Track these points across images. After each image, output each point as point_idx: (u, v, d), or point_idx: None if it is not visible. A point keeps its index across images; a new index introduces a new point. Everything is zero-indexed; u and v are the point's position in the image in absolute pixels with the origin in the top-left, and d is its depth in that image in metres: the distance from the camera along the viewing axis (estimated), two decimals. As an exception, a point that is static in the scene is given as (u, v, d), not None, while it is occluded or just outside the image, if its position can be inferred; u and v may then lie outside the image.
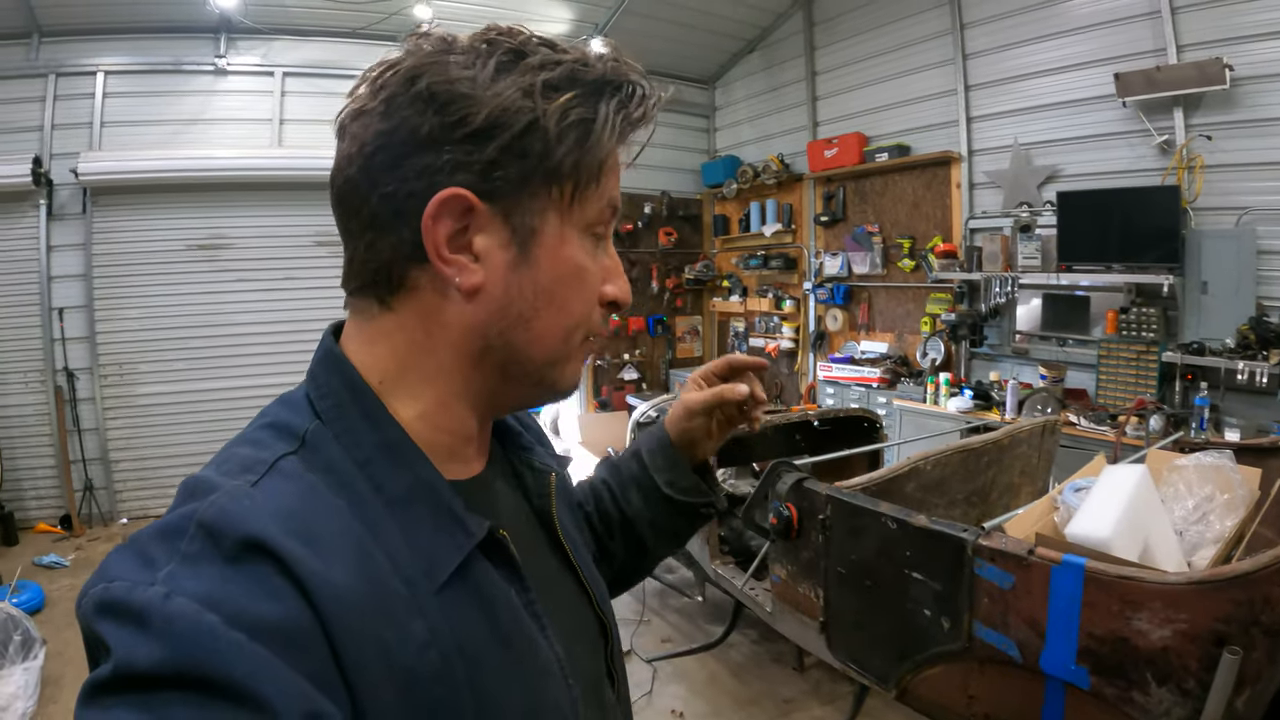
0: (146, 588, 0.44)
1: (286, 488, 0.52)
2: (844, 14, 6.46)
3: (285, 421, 0.59)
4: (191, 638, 0.42)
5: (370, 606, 0.50)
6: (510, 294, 0.59)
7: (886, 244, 6.18)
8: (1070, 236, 4.58)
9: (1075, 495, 1.93)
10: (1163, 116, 4.33)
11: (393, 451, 0.58)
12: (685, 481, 0.92)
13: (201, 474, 0.54)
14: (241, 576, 0.45)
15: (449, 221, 0.56)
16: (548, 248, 0.60)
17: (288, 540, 0.47)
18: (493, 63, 0.57)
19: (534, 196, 0.58)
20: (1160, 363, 4.16)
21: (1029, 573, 1.62)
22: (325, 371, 0.61)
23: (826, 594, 2.16)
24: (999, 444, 2.49)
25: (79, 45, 5.72)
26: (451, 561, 0.56)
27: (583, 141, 0.58)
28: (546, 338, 0.61)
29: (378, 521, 0.54)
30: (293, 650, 0.44)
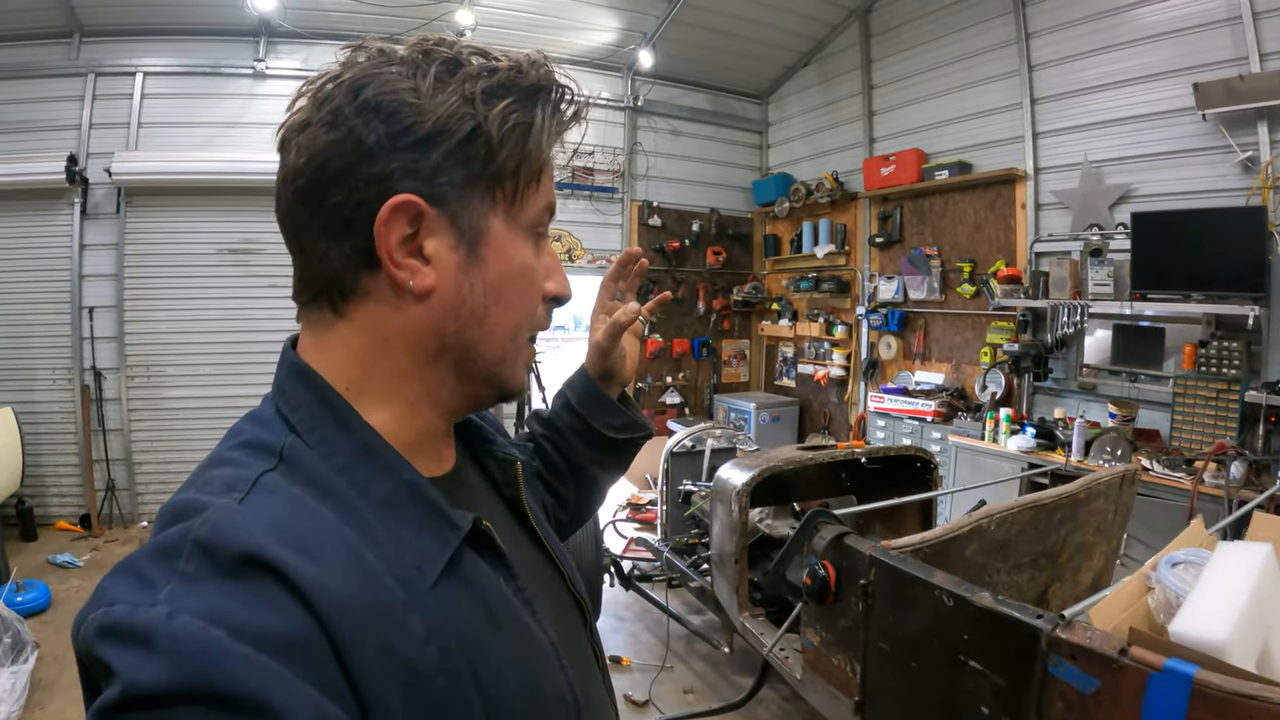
0: (149, 608, 0.44)
1: (273, 501, 0.53)
2: (902, 25, 6.24)
3: (260, 439, 0.59)
4: (199, 654, 0.42)
5: (369, 608, 0.50)
6: (462, 293, 0.62)
7: (945, 268, 5.90)
8: (1145, 262, 4.24)
9: (1173, 573, 1.60)
10: (1246, 131, 4.04)
11: (371, 456, 0.60)
12: (619, 419, 1.02)
13: (183, 496, 0.54)
14: (242, 591, 0.46)
15: (400, 227, 0.59)
16: (494, 248, 0.63)
17: (283, 551, 0.48)
18: (432, 72, 0.59)
19: (480, 199, 0.61)
20: (1242, 403, 3.82)
21: (1119, 677, 1.30)
22: (292, 384, 0.62)
23: (864, 669, 1.86)
24: (1074, 498, 2.15)
25: (119, 45, 5.77)
26: (442, 557, 0.58)
27: (523, 144, 0.61)
28: (497, 334, 0.64)
29: (366, 525, 0.55)
30: (299, 659, 0.45)
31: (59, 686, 3.46)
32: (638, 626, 4.19)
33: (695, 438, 4.35)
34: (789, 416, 7.40)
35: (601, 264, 7.24)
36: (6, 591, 4.14)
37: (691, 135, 7.72)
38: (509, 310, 0.64)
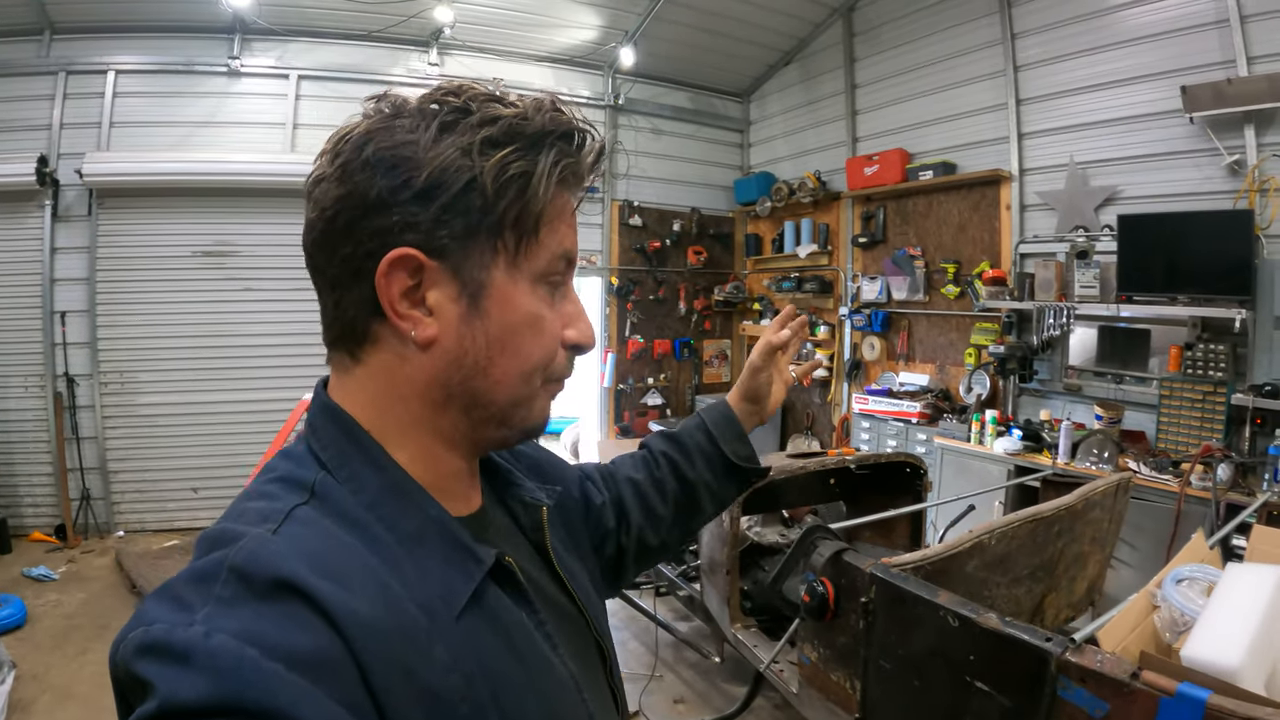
0: (187, 628, 0.46)
1: (305, 533, 0.55)
2: (886, 24, 6.20)
3: (293, 475, 0.61)
4: (234, 671, 0.44)
5: (394, 634, 0.52)
6: (464, 344, 0.62)
7: (929, 268, 5.87)
8: (1131, 264, 4.25)
9: (1179, 590, 1.58)
10: (1233, 134, 4.04)
11: (398, 493, 0.62)
12: (747, 450, 1.09)
13: (220, 526, 0.56)
14: (274, 613, 0.48)
15: (401, 279, 0.60)
16: (497, 299, 0.63)
17: (314, 578, 0.50)
18: (436, 124, 0.60)
19: (480, 250, 0.62)
20: (1229, 405, 3.84)
21: (1130, 701, 1.28)
22: (323, 423, 0.65)
23: (865, 687, 1.83)
24: (1072, 510, 2.14)
25: (90, 43, 5.61)
26: (466, 589, 0.60)
27: (521, 194, 0.61)
28: (505, 383, 0.65)
29: (393, 558, 0.57)
30: (327, 678, 0.47)
31: (38, 708, 3.36)
32: (625, 634, 4.15)
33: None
34: (771, 418, 7.34)
35: (582, 264, 7.18)
36: None
37: (672, 134, 7.65)
38: (515, 359, 0.64)
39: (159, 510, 5.83)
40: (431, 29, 6.16)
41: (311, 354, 5.94)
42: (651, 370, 7.67)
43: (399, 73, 6.38)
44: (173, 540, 5.49)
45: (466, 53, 6.53)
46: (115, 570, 5.00)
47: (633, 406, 7.55)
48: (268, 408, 5.89)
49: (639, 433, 7.30)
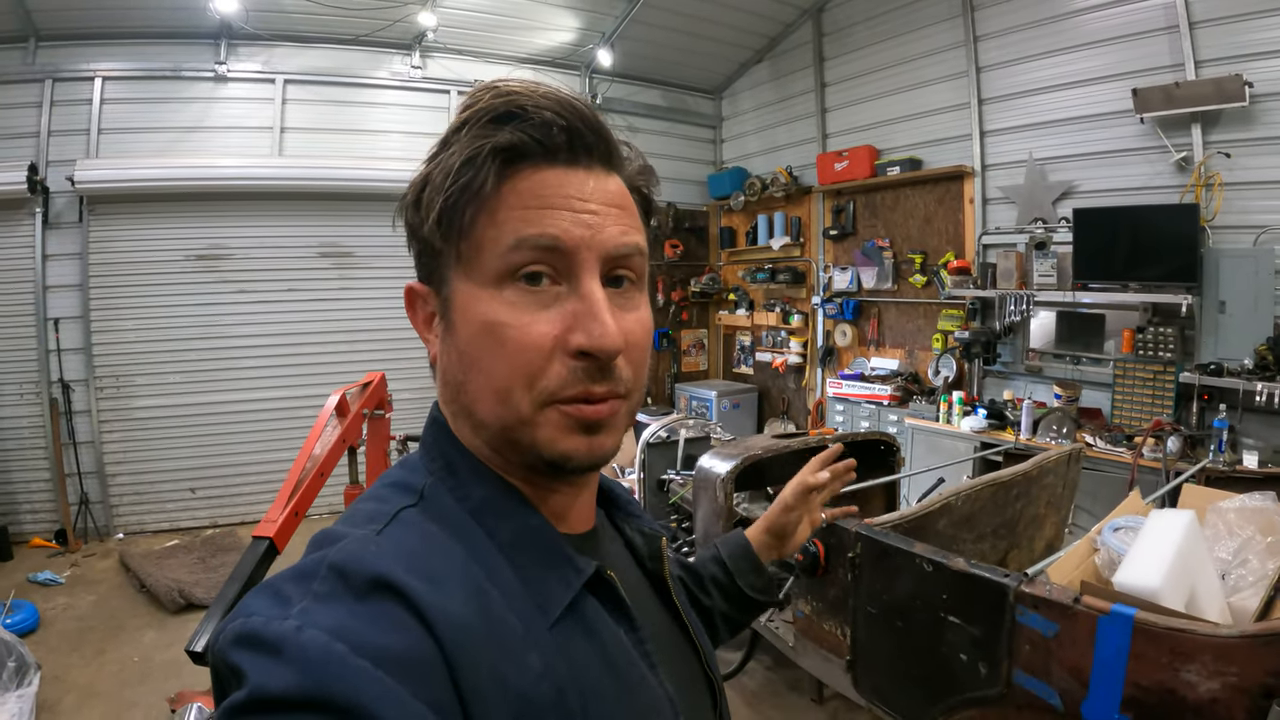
0: (281, 621, 0.47)
1: (408, 534, 0.56)
2: (854, 25, 6.41)
3: (405, 480, 0.64)
4: (321, 665, 0.44)
5: (487, 638, 0.52)
6: (447, 362, 0.63)
7: (897, 259, 6.12)
8: (1086, 254, 4.52)
9: (1115, 536, 1.85)
10: (1181, 133, 4.28)
11: (500, 501, 0.62)
12: (761, 582, 1.10)
13: (332, 527, 0.58)
14: (369, 611, 0.48)
15: (414, 306, 0.66)
16: (459, 310, 0.61)
17: (410, 578, 0.50)
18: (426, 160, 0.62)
19: (444, 265, 0.61)
20: (1177, 383, 4.11)
21: (1074, 621, 1.54)
22: (432, 436, 0.67)
23: (854, 633, 2.08)
24: (1028, 475, 2.41)
25: (77, 50, 5.64)
26: (563, 598, 0.59)
27: (443, 194, 0.58)
28: (482, 400, 0.61)
29: (492, 564, 0.58)
30: (414, 678, 0.47)
31: (63, 707, 3.46)
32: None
33: (669, 429, 4.53)
34: (748, 403, 7.61)
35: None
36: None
37: (647, 131, 7.78)
38: (481, 375, 0.60)
39: (158, 511, 5.91)
40: (415, 32, 6.29)
41: (304, 353, 6.10)
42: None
43: (383, 76, 6.51)
44: (173, 540, 5.56)
45: (448, 55, 6.66)
46: (121, 571, 5.07)
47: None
48: (263, 407, 6.02)
49: (625, 422, 7.46)
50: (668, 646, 0.71)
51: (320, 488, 2.55)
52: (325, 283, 6.26)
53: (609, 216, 0.61)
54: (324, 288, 6.25)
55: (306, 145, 6.20)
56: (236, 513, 6.06)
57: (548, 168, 0.59)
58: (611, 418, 0.61)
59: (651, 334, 0.68)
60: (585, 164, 0.61)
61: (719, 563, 1.10)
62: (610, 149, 0.63)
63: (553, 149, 0.59)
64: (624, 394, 0.62)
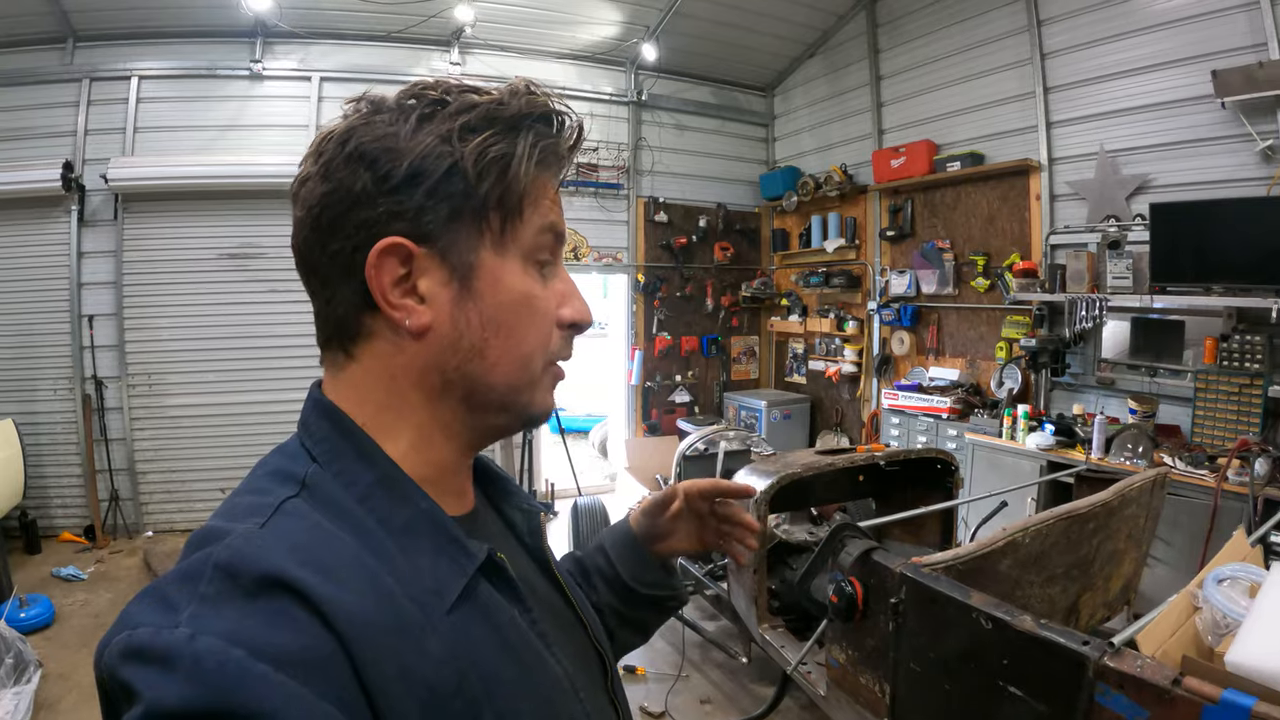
0: (171, 630, 0.45)
1: (294, 526, 0.55)
2: (910, 14, 6.12)
3: (284, 468, 0.61)
4: (219, 673, 0.43)
5: (387, 628, 0.51)
6: (459, 328, 0.63)
7: (958, 261, 5.80)
8: (1164, 254, 4.16)
9: (1220, 591, 1.52)
10: (1266, 119, 3.93)
11: (390, 486, 0.61)
12: (650, 576, 0.99)
13: (209, 524, 0.56)
14: (262, 611, 0.47)
15: (391, 268, 0.61)
16: (488, 280, 0.63)
17: (303, 572, 0.49)
18: (415, 116, 0.61)
19: (467, 234, 0.62)
20: (1265, 398, 3.75)
21: (1170, 709, 1.23)
22: (316, 419, 0.65)
23: (894, 690, 1.78)
24: (1108, 506, 2.07)
25: (114, 50, 5.70)
26: (458, 583, 0.59)
27: (503, 176, 0.62)
28: (503, 365, 0.64)
29: (384, 551, 0.57)
30: (318, 677, 0.46)
31: (63, 706, 3.41)
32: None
33: (708, 440, 4.26)
34: (800, 414, 7.31)
35: (608, 261, 7.15)
36: (9, 608, 4.08)
37: (696, 129, 7.59)
38: (510, 340, 0.64)
39: (187, 510, 5.89)
40: (453, 28, 6.17)
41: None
42: (679, 367, 7.62)
43: (421, 72, 6.37)
44: (201, 540, 5.55)
45: (488, 51, 6.53)
46: (144, 570, 5.06)
47: (660, 404, 7.52)
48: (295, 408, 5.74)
49: (667, 430, 7.26)
50: (557, 623, 0.73)
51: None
52: (358, 282, 6.16)
53: None
54: (357, 287, 6.15)
55: (338, 144, 6.11)
56: (264, 514, 5.99)
57: (556, 170, 0.67)
58: None
59: None
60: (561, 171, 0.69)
61: (602, 552, 1.01)
62: None
63: (566, 158, 0.68)
64: None
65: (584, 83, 6.97)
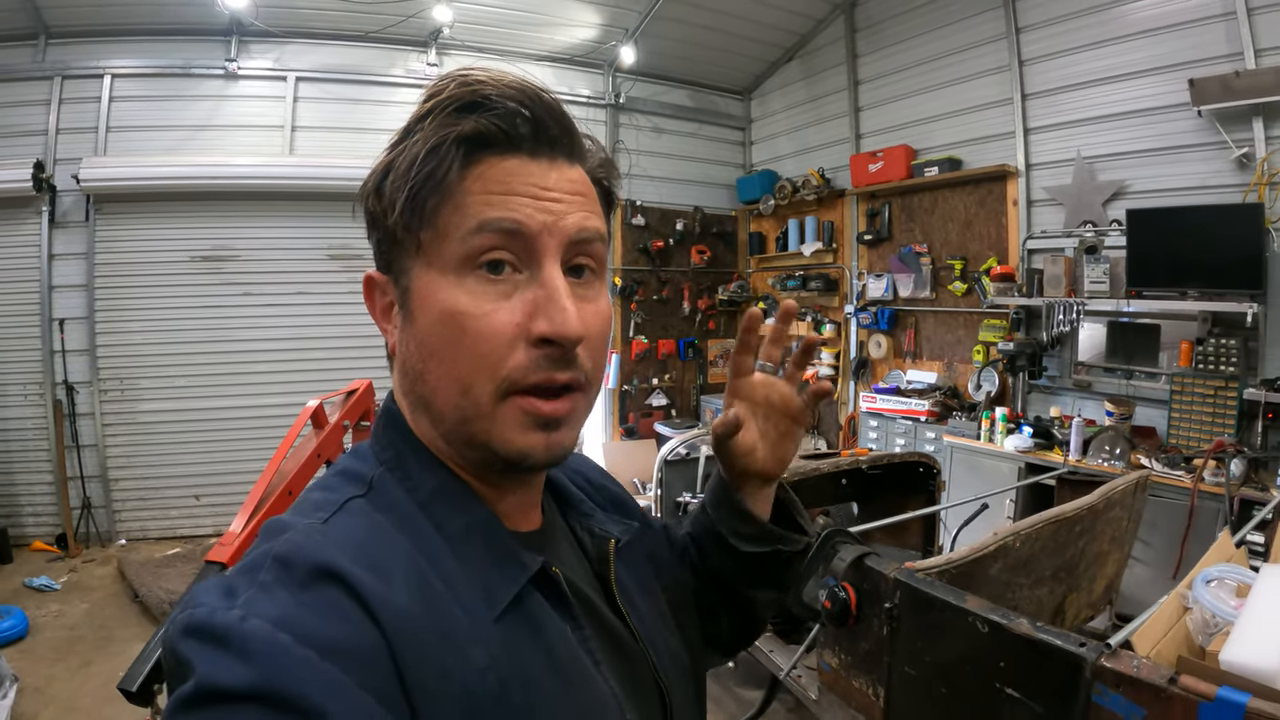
0: (226, 611, 0.47)
1: (354, 523, 0.57)
2: (888, 19, 6.18)
3: (354, 469, 0.63)
4: (265, 656, 0.45)
5: (432, 629, 0.52)
6: (406, 351, 0.62)
7: (936, 265, 5.85)
8: (1140, 259, 4.23)
9: (1209, 591, 1.55)
10: (1241, 127, 4.02)
11: (450, 493, 0.62)
12: (748, 528, 0.83)
13: (280, 517, 0.59)
14: (312, 600, 0.49)
15: (373, 295, 0.66)
16: (419, 299, 0.60)
17: (354, 568, 0.51)
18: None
19: (403, 253, 0.61)
20: (1240, 400, 3.81)
21: (1167, 707, 1.25)
22: (383, 425, 0.67)
23: (889, 694, 1.79)
24: (1094, 509, 2.11)
25: (86, 47, 5.58)
26: (508, 592, 0.59)
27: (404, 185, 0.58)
28: (440, 391, 0.61)
29: (438, 555, 0.58)
30: (359, 667, 0.47)
31: (41, 721, 3.35)
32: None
33: (689, 445, 4.26)
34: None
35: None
36: None
37: (674, 132, 7.59)
38: (443, 365, 0.59)
39: (161, 518, 5.80)
40: (430, 29, 6.13)
41: (313, 358, 5.95)
42: (656, 371, 7.62)
43: (397, 73, 6.35)
44: (175, 548, 5.44)
45: (465, 52, 6.48)
46: (118, 579, 4.98)
47: (637, 408, 7.51)
48: (270, 413, 5.86)
49: (644, 434, 7.26)
50: (614, 648, 0.69)
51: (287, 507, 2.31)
52: (335, 286, 6.07)
53: (572, 204, 0.61)
54: (334, 291, 6.06)
55: (318, 144, 6.06)
56: (241, 521, 5.89)
57: (512, 157, 0.59)
58: (570, 414, 0.62)
59: (610, 326, 0.66)
60: (548, 155, 0.61)
61: (703, 509, 0.87)
62: (574, 140, 0.64)
63: (517, 139, 0.59)
64: (584, 385, 0.62)
65: (561, 85, 6.93)
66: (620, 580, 0.74)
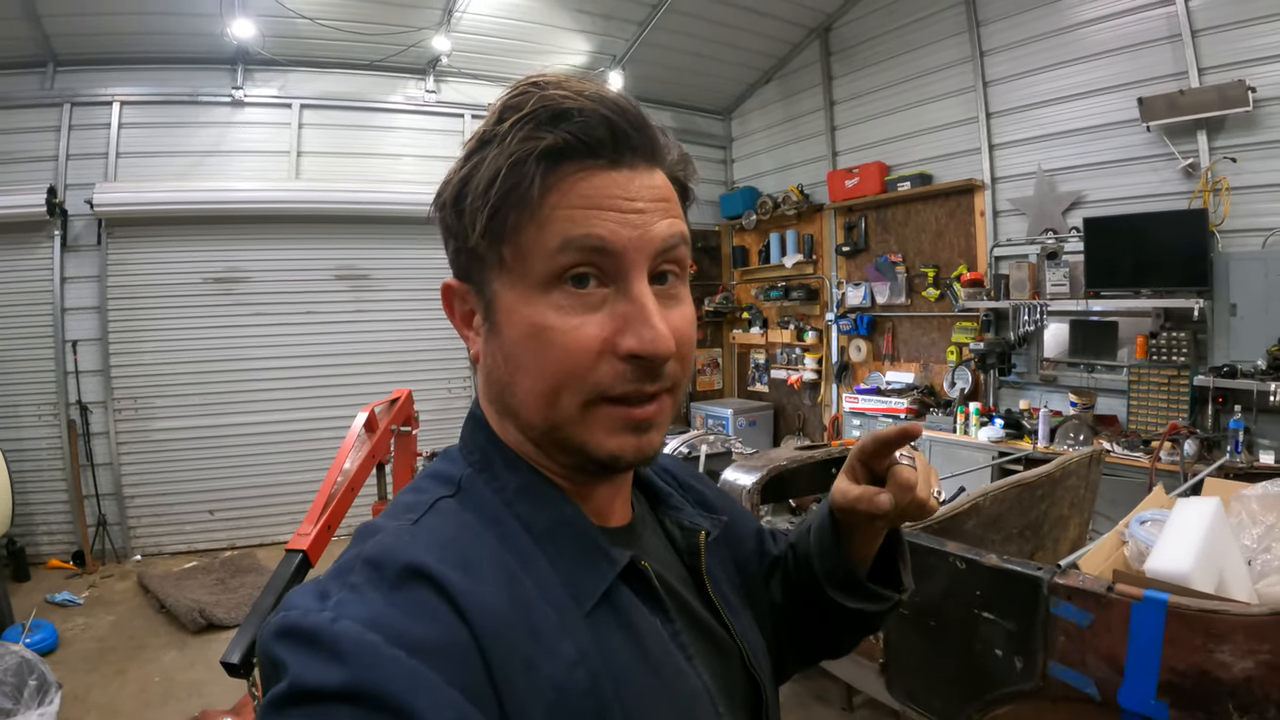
0: (318, 614, 0.48)
1: (443, 523, 0.57)
2: (861, 43, 6.47)
3: (444, 471, 0.65)
4: (355, 655, 0.45)
5: (520, 626, 0.53)
6: (492, 362, 0.63)
7: (910, 273, 6.14)
8: (1098, 262, 4.55)
9: (1143, 528, 1.87)
10: (1186, 140, 4.33)
11: (536, 492, 0.62)
12: (842, 573, 0.79)
13: (375, 519, 0.60)
14: (402, 600, 0.50)
15: (452, 303, 0.66)
16: (504, 312, 0.60)
17: (443, 566, 0.51)
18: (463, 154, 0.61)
19: (487, 266, 0.61)
20: (1192, 387, 4.12)
21: (1108, 610, 1.56)
22: (470, 429, 0.68)
23: (886, 635, 2.09)
24: (1052, 476, 2.43)
25: (95, 75, 5.69)
26: (597, 588, 0.59)
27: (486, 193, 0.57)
28: (529, 402, 0.61)
29: (526, 553, 0.58)
30: (448, 665, 0.47)
31: (86, 726, 3.47)
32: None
33: (690, 444, 4.54)
34: (764, 421, 7.61)
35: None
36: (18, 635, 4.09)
37: (658, 153, 7.87)
38: (529, 377, 0.59)
39: (176, 533, 5.89)
40: (429, 57, 6.37)
41: (322, 375, 6.12)
42: (646, 380, 7.83)
43: (398, 100, 6.58)
44: (191, 562, 5.55)
45: (462, 79, 6.74)
46: (139, 592, 5.06)
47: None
48: (280, 429, 6.03)
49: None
50: (706, 642, 0.69)
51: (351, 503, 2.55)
52: (342, 305, 6.29)
53: (655, 212, 0.60)
54: (341, 310, 6.28)
55: (322, 169, 6.26)
56: (255, 534, 6.04)
57: (593, 168, 0.57)
58: (659, 416, 0.61)
59: (695, 325, 0.68)
60: (629, 162, 0.60)
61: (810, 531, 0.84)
62: (654, 145, 0.62)
63: (598, 150, 0.58)
64: (672, 388, 0.62)
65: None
66: (711, 573, 0.74)
